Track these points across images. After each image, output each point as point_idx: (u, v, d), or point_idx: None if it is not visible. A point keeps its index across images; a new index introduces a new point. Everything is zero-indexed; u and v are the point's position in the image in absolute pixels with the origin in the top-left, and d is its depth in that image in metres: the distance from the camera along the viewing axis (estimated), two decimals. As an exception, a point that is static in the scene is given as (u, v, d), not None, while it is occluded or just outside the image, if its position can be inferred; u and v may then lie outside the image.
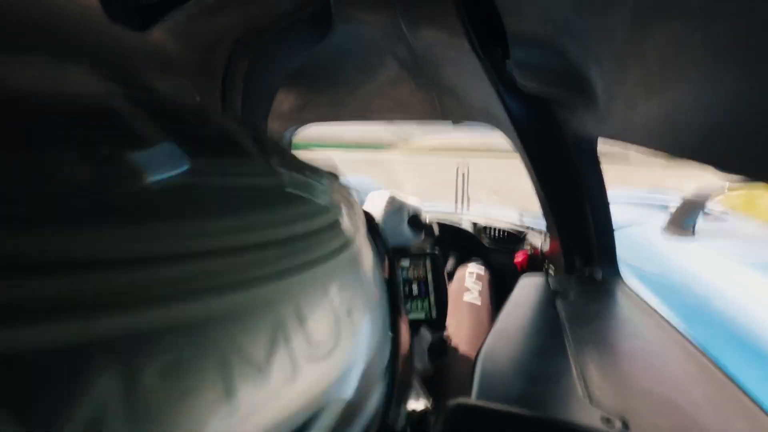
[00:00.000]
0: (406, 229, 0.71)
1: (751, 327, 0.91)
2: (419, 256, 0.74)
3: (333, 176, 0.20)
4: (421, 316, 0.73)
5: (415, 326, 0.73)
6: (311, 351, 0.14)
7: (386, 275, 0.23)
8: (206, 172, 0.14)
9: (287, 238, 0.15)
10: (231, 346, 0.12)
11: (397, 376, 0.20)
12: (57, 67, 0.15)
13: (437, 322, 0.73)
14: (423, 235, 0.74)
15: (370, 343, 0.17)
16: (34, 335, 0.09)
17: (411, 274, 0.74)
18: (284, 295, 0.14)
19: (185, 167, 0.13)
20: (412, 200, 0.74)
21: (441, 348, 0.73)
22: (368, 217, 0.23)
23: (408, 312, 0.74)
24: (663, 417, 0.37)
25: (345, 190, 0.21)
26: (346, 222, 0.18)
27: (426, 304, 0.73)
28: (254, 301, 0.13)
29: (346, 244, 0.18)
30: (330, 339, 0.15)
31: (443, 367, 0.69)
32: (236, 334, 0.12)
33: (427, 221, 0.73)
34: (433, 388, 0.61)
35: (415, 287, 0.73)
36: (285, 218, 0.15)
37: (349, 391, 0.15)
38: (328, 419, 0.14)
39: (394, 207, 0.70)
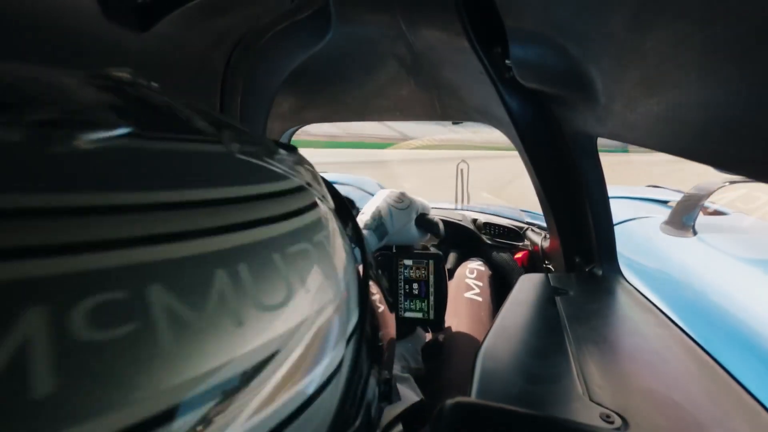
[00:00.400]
0: (413, 228, 0.70)
1: (749, 323, 0.92)
2: (423, 257, 0.74)
3: (292, 150, 0.21)
4: (419, 315, 0.73)
5: (411, 325, 0.74)
6: (255, 301, 0.14)
7: (359, 254, 0.23)
8: (148, 137, 0.14)
9: (233, 198, 0.15)
10: (166, 293, 0.12)
11: (362, 346, 0.20)
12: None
13: (434, 324, 0.73)
14: (429, 235, 0.74)
15: (328, 305, 0.18)
16: None
17: (413, 273, 0.74)
18: (229, 248, 0.14)
19: (125, 131, 0.13)
20: (421, 199, 0.74)
21: (435, 349, 0.73)
22: (337, 195, 0.24)
23: (405, 310, 0.74)
24: (663, 414, 0.38)
25: (306, 164, 0.21)
26: (308, 193, 0.19)
27: (425, 305, 0.73)
28: (194, 252, 0.13)
29: (304, 209, 0.18)
30: (278, 293, 0.15)
31: (440, 365, 0.69)
32: (173, 282, 0.12)
33: (435, 221, 0.73)
34: (428, 385, 0.62)
35: (415, 287, 0.74)
36: (230, 180, 0.16)
37: (297, 344, 0.15)
38: (276, 367, 0.14)
39: (404, 205, 0.70)
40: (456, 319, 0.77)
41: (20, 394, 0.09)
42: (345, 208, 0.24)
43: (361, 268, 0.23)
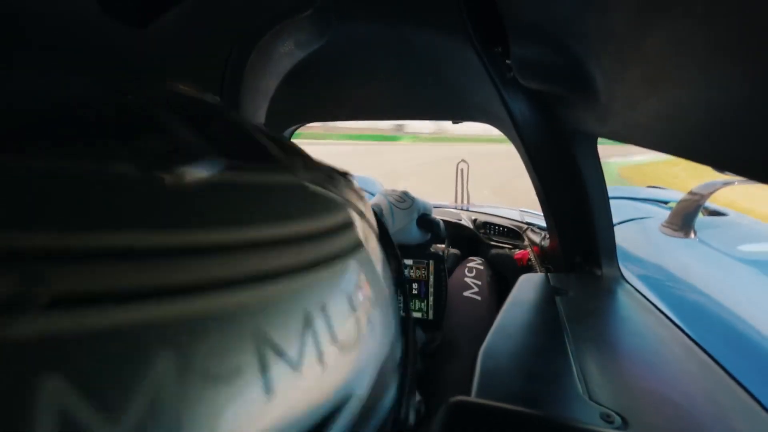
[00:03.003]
0: (414, 228, 0.70)
1: (747, 323, 0.92)
2: (423, 256, 0.74)
3: (346, 176, 0.21)
4: (418, 315, 0.73)
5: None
6: (335, 345, 0.14)
7: (397, 276, 0.23)
8: (237, 170, 0.14)
9: (311, 234, 0.15)
10: (265, 336, 0.12)
11: (408, 372, 0.21)
12: (88, 79, 0.16)
13: (433, 324, 0.73)
14: (430, 236, 0.74)
15: (386, 339, 0.18)
16: (96, 318, 0.09)
17: (413, 273, 0.74)
18: (311, 287, 0.14)
19: (220, 166, 0.13)
20: (423, 200, 0.74)
21: (432, 349, 0.73)
22: (378, 220, 0.24)
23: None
24: (662, 414, 0.38)
25: (357, 190, 0.21)
26: (360, 221, 0.19)
27: (424, 305, 0.73)
28: (283, 293, 0.13)
29: (363, 241, 0.18)
30: (351, 333, 0.15)
31: (439, 364, 0.69)
32: (269, 325, 0.12)
33: (437, 221, 0.73)
34: (428, 385, 0.62)
35: (415, 287, 0.74)
36: (309, 214, 0.16)
37: (368, 384, 0.16)
38: (349, 413, 0.15)
39: (406, 204, 0.70)
40: (455, 317, 0.77)
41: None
42: (384, 231, 0.24)
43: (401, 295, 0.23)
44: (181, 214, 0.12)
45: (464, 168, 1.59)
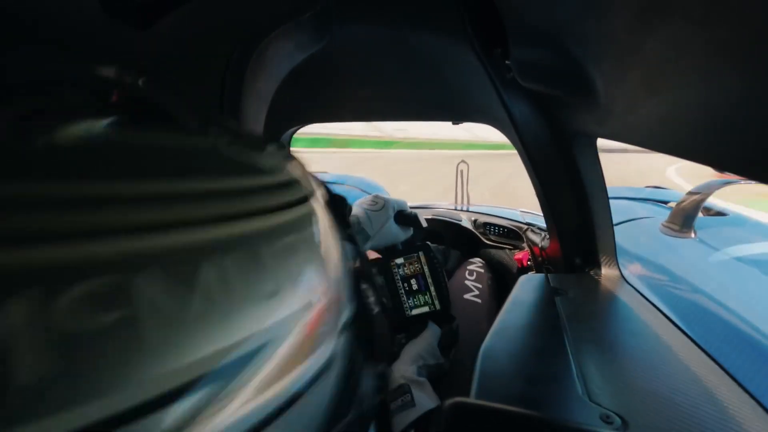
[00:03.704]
0: (394, 227, 0.71)
1: (748, 322, 0.92)
2: (411, 251, 0.74)
3: (280, 146, 0.21)
4: (425, 309, 0.73)
5: (421, 322, 0.73)
6: (242, 294, 0.14)
7: (351, 250, 0.23)
8: (134, 129, 0.14)
9: (218, 191, 0.15)
10: (152, 283, 0.12)
11: (354, 340, 0.20)
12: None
13: (443, 313, 0.73)
14: (412, 230, 0.75)
15: (317, 300, 0.18)
16: None
17: (407, 270, 0.74)
18: (216, 240, 0.14)
19: (110, 122, 0.13)
20: (396, 198, 0.74)
21: (451, 339, 0.73)
22: (328, 191, 0.24)
23: (411, 308, 0.74)
24: (662, 414, 0.38)
25: (295, 159, 0.21)
26: (293, 185, 0.19)
27: (428, 297, 0.73)
28: (180, 243, 0.13)
29: (293, 203, 0.18)
30: (265, 286, 0.15)
31: (451, 367, 0.69)
32: (159, 273, 0.12)
33: (414, 214, 0.73)
34: (443, 388, 0.62)
35: (414, 283, 0.74)
36: (217, 173, 0.16)
37: (285, 337, 0.16)
38: (260, 363, 0.14)
39: (378, 206, 0.70)
40: (457, 319, 0.77)
41: (2, 381, 0.09)
42: (336, 205, 0.24)
43: (352, 264, 0.23)
44: (52, 167, 0.12)
45: (464, 169, 1.59)
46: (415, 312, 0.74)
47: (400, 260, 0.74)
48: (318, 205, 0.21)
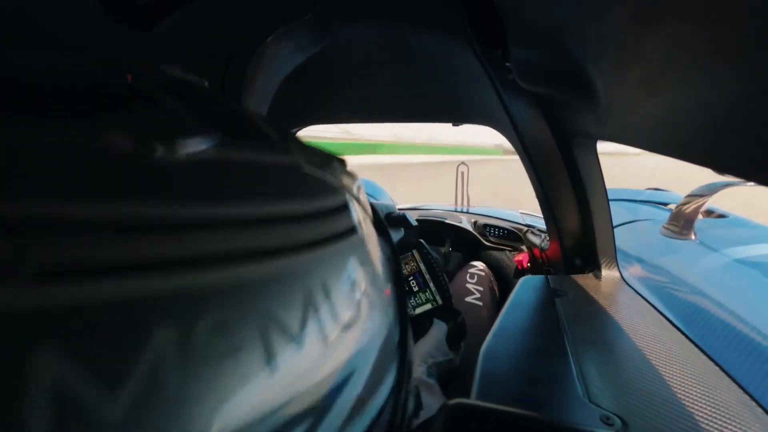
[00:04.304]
0: None
1: (749, 324, 0.91)
2: (405, 250, 0.74)
3: (341, 162, 0.21)
4: (428, 306, 0.73)
5: (426, 320, 0.73)
6: (336, 322, 0.14)
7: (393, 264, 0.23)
8: (232, 147, 0.14)
9: (307, 214, 0.15)
10: (266, 312, 0.12)
11: (406, 359, 0.21)
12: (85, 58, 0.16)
13: (445, 308, 0.72)
14: (402, 230, 0.75)
15: (384, 320, 0.18)
16: (89, 291, 0.09)
17: (404, 270, 0.74)
18: (308, 266, 0.14)
19: (214, 142, 0.13)
20: (383, 201, 0.74)
21: (458, 333, 0.72)
22: (372, 207, 0.24)
23: (414, 308, 0.74)
24: (662, 416, 0.37)
25: (353, 174, 0.21)
26: (355, 204, 0.19)
27: (428, 294, 0.73)
28: (282, 270, 0.13)
29: (359, 223, 0.18)
30: (351, 311, 0.15)
31: (460, 369, 0.69)
32: (270, 302, 0.12)
33: (402, 215, 0.73)
34: (453, 390, 0.61)
35: (413, 283, 0.74)
36: (304, 195, 0.16)
37: (369, 363, 0.16)
38: (352, 390, 0.15)
39: None
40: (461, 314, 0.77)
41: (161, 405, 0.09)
42: (378, 217, 0.24)
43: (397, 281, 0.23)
44: (174, 187, 0.12)
45: (464, 171, 1.59)
46: (418, 311, 0.74)
47: None
48: (369, 221, 0.21)
